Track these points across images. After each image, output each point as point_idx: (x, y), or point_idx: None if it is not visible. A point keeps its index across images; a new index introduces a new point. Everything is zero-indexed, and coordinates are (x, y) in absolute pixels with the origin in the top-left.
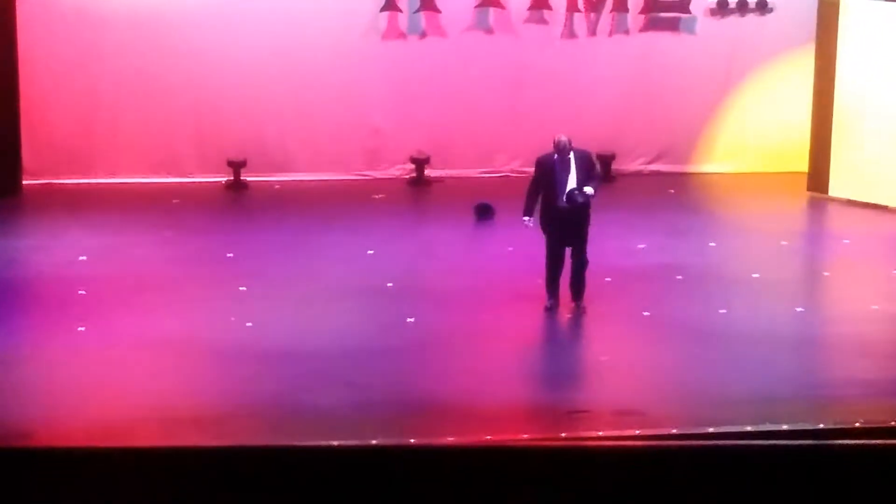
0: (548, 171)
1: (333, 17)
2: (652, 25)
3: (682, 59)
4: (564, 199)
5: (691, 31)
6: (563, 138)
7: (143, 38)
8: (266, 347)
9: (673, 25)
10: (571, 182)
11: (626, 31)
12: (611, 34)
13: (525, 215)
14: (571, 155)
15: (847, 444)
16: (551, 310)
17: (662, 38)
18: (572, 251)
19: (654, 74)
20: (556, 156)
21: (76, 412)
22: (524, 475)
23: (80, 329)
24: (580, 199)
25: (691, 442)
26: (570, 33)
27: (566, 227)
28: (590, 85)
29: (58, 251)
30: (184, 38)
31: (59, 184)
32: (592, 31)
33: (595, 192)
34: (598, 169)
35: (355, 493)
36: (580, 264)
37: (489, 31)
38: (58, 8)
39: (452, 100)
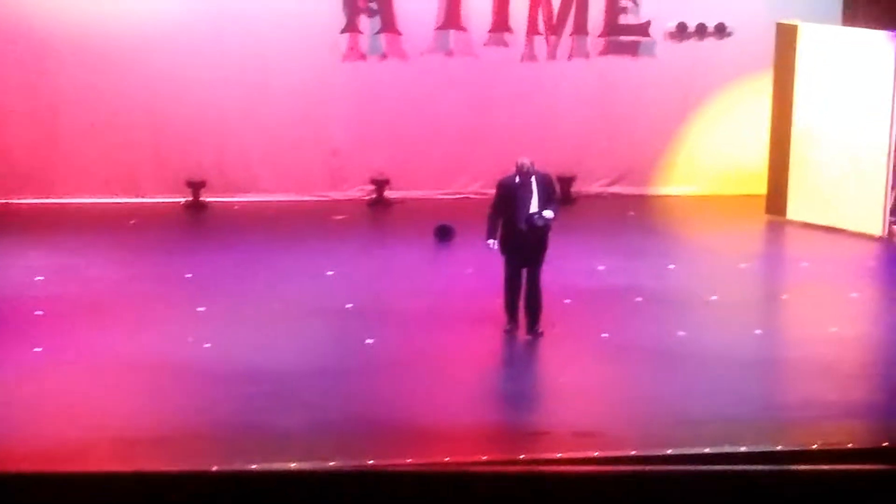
0: (510, 194)
1: (294, 37)
2: (611, 49)
3: (642, 82)
4: (524, 222)
5: (651, 54)
6: (526, 161)
7: (101, 57)
8: (224, 368)
9: (632, 49)
10: (533, 205)
11: (586, 55)
12: (570, 57)
13: (489, 238)
14: (533, 178)
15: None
16: (510, 332)
17: (622, 62)
18: (527, 273)
19: (613, 97)
20: (517, 178)
21: (31, 435)
22: (483, 500)
23: (36, 350)
24: (540, 223)
25: (651, 467)
26: (530, 56)
27: (526, 250)
28: (550, 107)
29: (14, 272)
30: (143, 57)
31: (16, 203)
32: (552, 55)
33: (554, 215)
34: (558, 192)
35: None
36: (535, 286)
37: (449, 53)
38: (10, 28)
39: (413, 121)
